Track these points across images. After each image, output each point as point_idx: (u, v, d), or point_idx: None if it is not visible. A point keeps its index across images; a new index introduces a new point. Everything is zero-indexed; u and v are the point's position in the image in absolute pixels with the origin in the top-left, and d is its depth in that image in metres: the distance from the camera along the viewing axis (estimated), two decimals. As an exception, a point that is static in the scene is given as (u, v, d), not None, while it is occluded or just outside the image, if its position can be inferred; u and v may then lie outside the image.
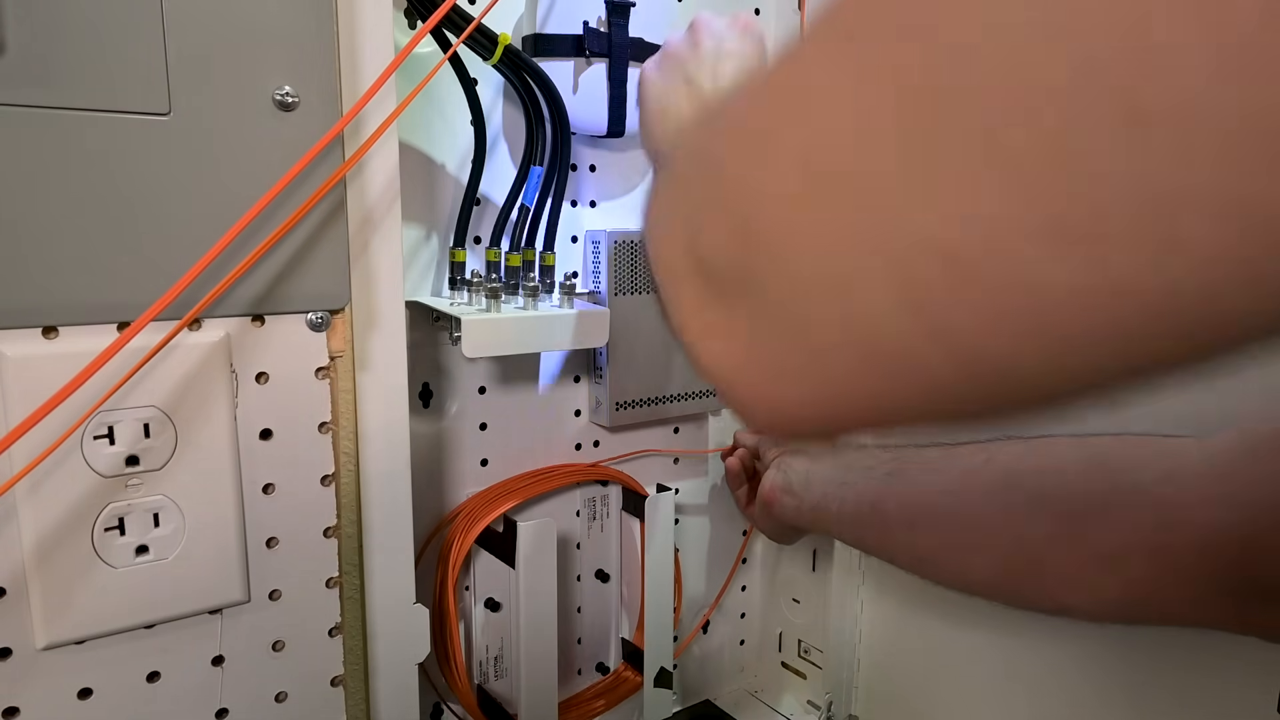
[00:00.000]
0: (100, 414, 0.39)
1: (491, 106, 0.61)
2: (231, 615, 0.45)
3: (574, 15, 0.59)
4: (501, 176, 0.62)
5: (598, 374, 0.68)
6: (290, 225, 0.41)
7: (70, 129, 0.37)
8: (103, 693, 0.42)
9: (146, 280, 0.39)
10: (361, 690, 0.50)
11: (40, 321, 0.38)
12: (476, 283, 0.57)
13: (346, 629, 0.49)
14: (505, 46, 0.53)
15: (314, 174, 0.42)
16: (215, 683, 0.45)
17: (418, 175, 0.58)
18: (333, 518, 0.47)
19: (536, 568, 0.61)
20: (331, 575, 0.48)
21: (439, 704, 0.65)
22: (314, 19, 0.42)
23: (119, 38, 0.37)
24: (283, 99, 0.41)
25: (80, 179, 0.37)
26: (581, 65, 0.61)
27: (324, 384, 0.45)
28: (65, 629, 0.40)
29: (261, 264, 0.42)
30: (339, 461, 0.47)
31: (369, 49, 0.44)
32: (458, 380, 0.63)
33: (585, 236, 0.67)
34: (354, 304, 0.46)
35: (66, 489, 0.39)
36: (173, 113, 0.39)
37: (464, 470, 0.64)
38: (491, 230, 0.60)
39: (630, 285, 0.67)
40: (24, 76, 0.35)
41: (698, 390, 0.73)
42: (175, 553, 0.42)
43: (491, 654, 0.67)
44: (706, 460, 0.79)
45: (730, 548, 0.82)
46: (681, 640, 0.79)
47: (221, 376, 0.42)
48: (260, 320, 0.43)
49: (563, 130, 0.58)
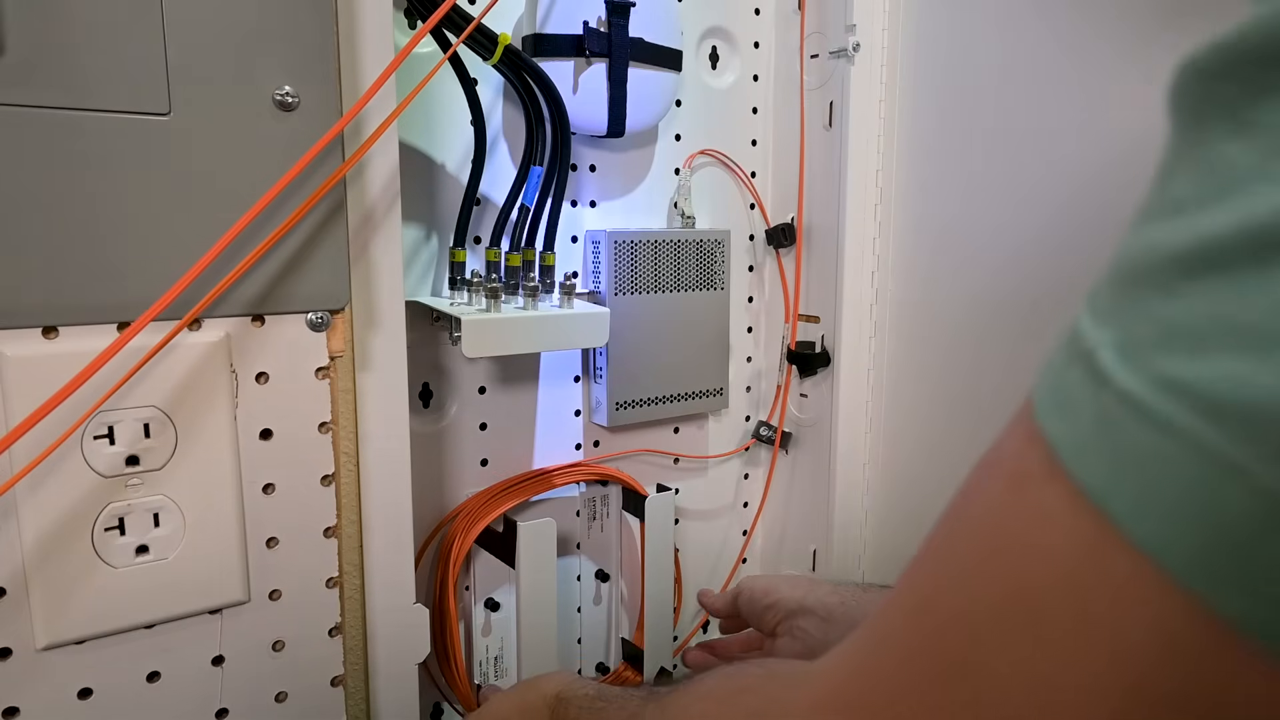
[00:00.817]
0: (100, 414, 0.39)
1: (491, 106, 0.61)
2: (231, 615, 0.45)
3: (574, 15, 0.59)
4: (501, 176, 0.62)
5: (598, 374, 0.68)
6: (290, 225, 0.41)
7: (70, 129, 0.37)
8: (103, 693, 0.42)
9: (146, 280, 0.39)
10: (361, 690, 0.50)
11: (40, 321, 0.38)
12: (476, 283, 0.57)
13: (346, 629, 0.49)
14: (505, 46, 0.53)
15: (314, 174, 0.42)
16: (215, 683, 0.45)
17: (418, 175, 0.58)
18: (333, 518, 0.47)
19: (536, 568, 0.61)
20: (331, 575, 0.48)
21: (439, 704, 0.65)
22: (314, 19, 0.42)
23: (119, 38, 0.37)
24: (283, 99, 0.41)
25: (80, 179, 0.37)
26: (581, 65, 0.61)
27: (324, 384, 0.45)
28: (65, 629, 0.40)
29: (261, 264, 0.41)
30: (339, 461, 0.47)
31: (369, 49, 0.44)
32: (458, 380, 0.63)
33: (585, 236, 0.67)
34: (354, 304, 0.46)
35: (66, 489, 0.39)
36: (173, 113, 0.39)
37: (464, 470, 0.64)
38: (491, 230, 0.60)
39: (630, 285, 0.67)
40: (24, 76, 0.35)
41: (698, 390, 0.73)
42: (175, 553, 0.42)
43: (491, 654, 0.67)
44: (706, 460, 0.79)
45: (730, 548, 0.82)
46: (681, 640, 0.79)
47: (221, 376, 0.42)
48: (260, 320, 0.43)
49: (563, 130, 0.58)
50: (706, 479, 0.79)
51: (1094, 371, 0.15)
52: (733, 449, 0.80)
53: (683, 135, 0.73)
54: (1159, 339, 0.14)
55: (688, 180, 0.72)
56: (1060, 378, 0.16)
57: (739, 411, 0.80)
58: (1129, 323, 0.15)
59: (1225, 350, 0.13)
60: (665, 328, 0.70)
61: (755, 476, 0.82)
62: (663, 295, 0.69)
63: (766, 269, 0.79)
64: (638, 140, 0.70)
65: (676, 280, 0.70)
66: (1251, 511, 0.12)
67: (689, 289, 0.71)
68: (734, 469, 0.81)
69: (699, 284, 0.72)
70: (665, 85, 0.66)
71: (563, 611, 0.71)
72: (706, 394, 0.74)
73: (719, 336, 0.74)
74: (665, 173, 0.72)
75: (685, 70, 0.68)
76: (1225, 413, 0.13)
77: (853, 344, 0.72)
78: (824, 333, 0.74)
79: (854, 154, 0.70)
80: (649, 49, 0.63)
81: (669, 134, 0.72)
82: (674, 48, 0.65)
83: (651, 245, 0.68)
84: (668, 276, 0.69)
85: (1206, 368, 0.13)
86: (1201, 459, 0.13)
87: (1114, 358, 0.15)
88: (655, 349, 0.70)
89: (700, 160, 0.74)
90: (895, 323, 0.73)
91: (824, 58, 0.71)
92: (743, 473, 0.82)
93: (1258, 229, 0.13)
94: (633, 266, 0.67)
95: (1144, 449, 0.14)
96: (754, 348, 0.80)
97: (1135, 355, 0.14)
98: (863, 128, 0.70)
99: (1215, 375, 0.13)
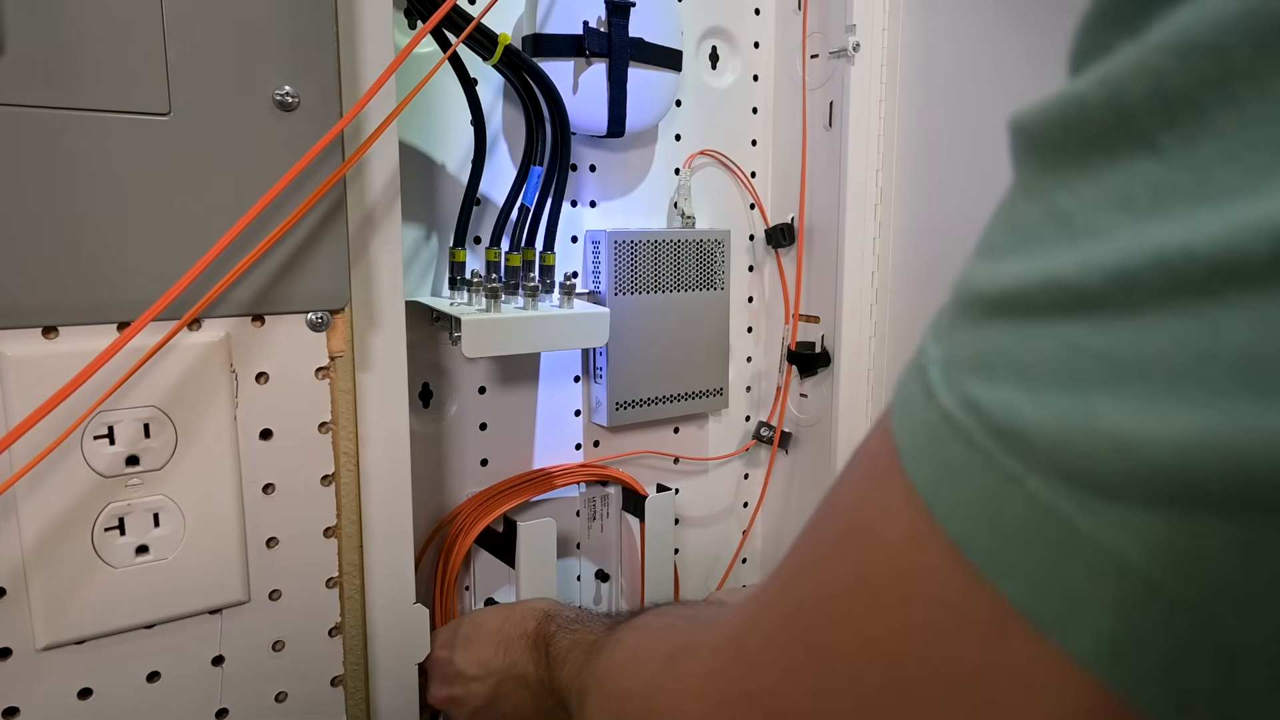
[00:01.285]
0: (100, 414, 0.39)
1: (491, 106, 0.61)
2: (231, 615, 0.45)
3: (574, 15, 0.59)
4: (501, 176, 0.62)
5: (598, 374, 0.68)
6: (290, 225, 0.41)
7: (70, 129, 0.37)
8: (103, 693, 0.42)
9: (146, 280, 0.39)
10: (361, 690, 0.50)
11: (40, 321, 0.38)
12: (476, 283, 0.57)
13: (346, 629, 0.49)
14: (505, 46, 0.53)
15: (314, 174, 0.42)
16: (215, 683, 0.45)
17: (418, 175, 0.58)
18: (333, 518, 0.47)
19: (536, 568, 0.61)
20: (331, 575, 0.48)
21: (439, 704, 0.65)
22: (314, 19, 0.42)
23: (119, 38, 0.37)
24: (283, 99, 0.41)
25: (80, 179, 0.37)
26: (581, 65, 0.61)
27: (324, 384, 0.45)
28: (65, 629, 0.40)
29: (261, 264, 0.41)
30: (339, 461, 0.47)
31: (369, 49, 0.44)
32: (458, 380, 0.63)
33: (585, 236, 0.67)
34: (354, 304, 0.46)
35: (66, 489, 0.39)
36: (173, 113, 0.39)
37: (464, 470, 0.64)
38: (491, 230, 0.60)
39: (630, 285, 0.67)
40: (24, 76, 0.35)
41: (697, 390, 0.73)
42: (175, 553, 0.42)
43: (491, 654, 0.67)
44: (706, 460, 0.79)
45: (730, 548, 0.82)
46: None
47: (221, 376, 0.42)
48: (260, 320, 0.43)
49: (563, 130, 0.58)
50: (706, 479, 0.79)
51: (925, 384, 0.17)
52: (733, 449, 0.80)
53: (683, 135, 0.73)
54: (966, 363, 0.16)
55: (688, 180, 0.72)
56: (906, 386, 0.19)
57: (739, 412, 0.80)
58: (950, 345, 0.17)
59: (1006, 381, 0.15)
60: (665, 328, 0.70)
61: (755, 477, 0.82)
62: (663, 295, 0.69)
63: (766, 269, 0.79)
64: (638, 140, 0.70)
65: (676, 280, 0.70)
66: (1026, 515, 0.15)
67: (689, 289, 0.71)
68: (734, 469, 0.81)
69: (699, 284, 0.72)
70: (665, 85, 0.66)
71: (563, 611, 0.71)
72: (706, 394, 0.74)
73: (719, 336, 0.74)
74: (665, 173, 0.72)
75: (685, 70, 0.68)
76: (1004, 432, 0.15)
77: (853, 344, 0.72)
78: (824, 333, 0.74)
79: (854, 154, 0.70)
80: (649, 49, 0.63)
81: (669, 134, 0.72)
82: (674, 48, 0.65)
83: (651, 245, 0.68)
84: (668, 276, 0.69)
85: (994, 394, 0.15)
86: (990, 469, 0.15)
87: (938, 374, 0.17)
88: (655, 349, 0.70)
89: (700, 160, 0.74)
90: (895, 323, 0.73)
91: (824, 58, 0.71)
92: (743, 473, 0.82)
93: (1027, 288, 0.15)
94: (633, 266, 0.67)
95: (953, 457, 0.16)
96: (754, 348, 0.80)
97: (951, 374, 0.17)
98: (863, 128, 0.70)
99: (998, 401, 0.15)
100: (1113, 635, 0.14)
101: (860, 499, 0.20)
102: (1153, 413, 0.13)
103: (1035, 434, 0.15)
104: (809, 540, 0.22)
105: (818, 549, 0.21)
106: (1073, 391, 0.14)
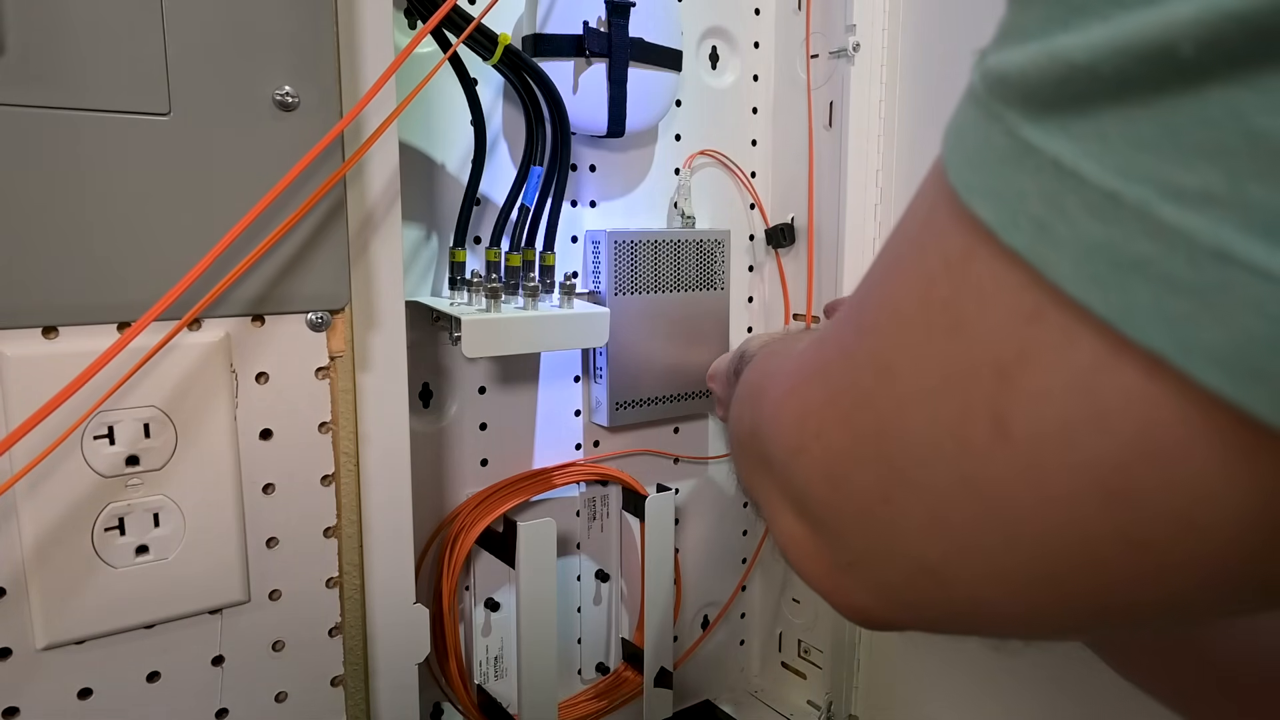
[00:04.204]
0: (100, 414, 0.39)
1: (491, 106, 0.61)
2: (231, 615, 0.45)
3: (574, 15, 0.59)
4: (501, 176, 0.62)
5: (597, 374, 0.68)
6: (290, 225, 0.41)
7: (70, 129, 0.37)
8: (103, 693, 0.42)
9: (146, 280, 0.39)
10: (361, 690, 0.50)
11: (40, 321, 0.38)
12: (476, 283, 0.57)
13: (346, 629, 0.49)
14: (505, 46, 0.53)
15: (314, 174, 0.42)
16: (215, 683, 0.45)
17: (418, 175, 0.58)
18: (333, 518, 0.47)
19: (536, 568, 0.61)
20: (331, 575, 0.48)
21: (439, 704, 0.65)
22: (314, 19, 0.42)
23: (119, 38, 0.37)
24: (283, 99, 0.41)
25: (80, 179, 0.37)
26: (581, 65, 0.61)
27: (324, 384, 0.45)
28: (65, 629, 0.40)
29: (261, 264, 0.41)
30: (339, 461, 0.47)
31: (369, 49, 0.44)
32: (458, 380, 0.63)
33: (585, 236, 0.67)
34: (354, 304, 0.46)
35: (66, 489, 0.39)
36: (173, 113, 0.39)
37: (464, 470, 0.64)
38: (491, 230, 0.60)
39: (630, 285, 0.67)
40: (24, 76, 0.35)
41: (698, 390, 0.73)
42: (175, 553, 0.42)
43: (491, 654, 0.67)
44: (706, 461, 0.79)
45: (730, 548, 0.82)
46: (689, 643, 0.79)
47: (221, 376, 0.42)
48: (260, 320, 0.43)
49: (563, 130, 0.58)
50: (706, 479, 0.79)
51: (970, 87, 0.19)
52: (733, 449, 0.80)
53: (683, 135, 0.73)
54: (995, 41, 0.18)
55: (688, 180, 0.72)
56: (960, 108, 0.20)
57: (739, 411, 0.80)
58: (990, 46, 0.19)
59: (1009, 44, 0.17)
60: (665, 328, 0.70)
61: (755, 476, 0.82)
62: (663, 295, 0.69)
63: (766, 269, 0.79)
64: (638, 140, 0.70)
65: (676, 280, 0.70)
66: (1006, 147, 0.17)
67: (689, 289, 0.71)
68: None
69: (699, 284, 0.72)
70: (665, 85, 0.66)
71: (563, 611, 0.71)
72: (707, 394, 0.74)
73: (719, 336, 0.74)
74: (665, 173, 0.72)
75: (685, 70, 0.68)
76: (989, 74, 0.17)
77: (853, 344, 0.72)
78: (824, 333, 0.74)
79: (854, 154, 0.70)
80: (649, 49, 0.63)
81: (669, 134, 0.72)
82: (674, 48, 0.65)
83: (651, 245, 0.68)
84: (668, 276, 0.69)
85: (998, 56, 0.17)
86: (978, 109, 0.18)
87: (975, 65, 0.19)
88: (655, 349, 0.70)
89: (700, 160, 0.74)
90: (895, 323, 0.73)
91: (824, 58, 0.71)
92: (743, 473, 0.82)
93: None
94: (633, 266, 0.67)
95: (967, 118, 0.18)
96: (754, 348, 0.80)
97: (981, 59, 0.18)
98: (863, 128, 0.70)
99: (997, 59, 0.17)
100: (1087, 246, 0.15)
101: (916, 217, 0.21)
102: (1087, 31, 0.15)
103: (1013, 72, 0.16)
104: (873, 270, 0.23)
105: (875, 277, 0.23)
106: (1045, 34, 0.16)
